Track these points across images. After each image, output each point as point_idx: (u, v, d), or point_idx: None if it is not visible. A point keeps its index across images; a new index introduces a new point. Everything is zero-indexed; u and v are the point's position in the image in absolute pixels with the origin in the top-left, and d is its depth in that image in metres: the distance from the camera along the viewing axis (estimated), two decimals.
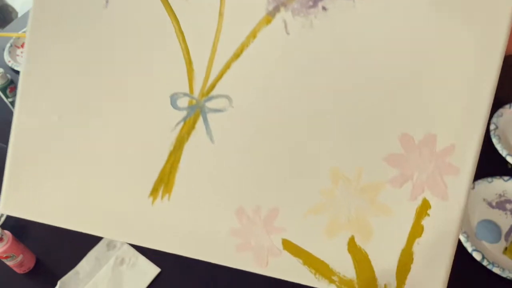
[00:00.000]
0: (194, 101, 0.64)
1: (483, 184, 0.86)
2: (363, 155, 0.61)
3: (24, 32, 1.76)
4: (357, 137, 0.61)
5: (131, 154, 0.65)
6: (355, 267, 0.62)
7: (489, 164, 0.88)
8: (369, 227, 0.62)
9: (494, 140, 0.93)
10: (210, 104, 0.64)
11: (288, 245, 0.63)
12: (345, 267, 0.62)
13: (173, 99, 0.64)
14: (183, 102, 0.64)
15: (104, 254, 0.83)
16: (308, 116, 0.62)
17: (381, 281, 0.62)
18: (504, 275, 0.76)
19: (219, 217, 0.64)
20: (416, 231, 0.61)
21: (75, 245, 0.83)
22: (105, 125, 0.65)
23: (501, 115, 0.96)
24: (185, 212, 0.64)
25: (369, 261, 0.62)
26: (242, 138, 0.63)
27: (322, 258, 0.63)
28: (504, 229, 0.81)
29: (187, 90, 0.64)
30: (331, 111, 0.62)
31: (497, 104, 0.96)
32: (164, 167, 0.65)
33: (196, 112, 0.64)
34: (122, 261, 0.82)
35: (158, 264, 0.83)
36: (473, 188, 0.85)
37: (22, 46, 1.70)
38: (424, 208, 0.61)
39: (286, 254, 0.63)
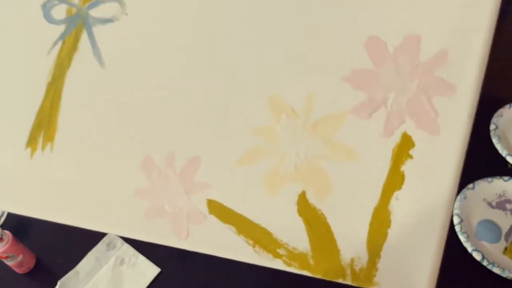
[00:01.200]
0: (74, 10, 0.45)
1: (483, 184, 0.84)
2: (314, 74, 0.42)
3: None
4: (304, 47, 0.42)
5: None
6: (308, 235, 0.44)
7: (489, 164, 0.88)
8: (325, 177, 0.43)
9: (494, 140, 0.91)
10: (95, 12, 0.45)
11: (216, 208, 0.45)
12: (295, 235, 0.44)
13: (46, 9, 0.46)
14: (60, 12, 0.46)
15: (104, 254, 0.81)
16: (234, 21, 0.43)
17: (346, 254, 0.43)
18: (504, 275, 0.74)
19: (119, 172, 0.46)
20: (394, 181, 0.42)
21: (75, 245, 0.81)
22: None
23: (501, 115, 0.94)
24: (73, 166, 0.47)
25: (327, 226, 0.43)
26: (143, 58, 0.44)
27: (262, 224, 0.44)
28: (504, 229, 0.80)
29: None
30: (267, 12, 0.42)
31: (497, 104, 0.95)
32: (42, 106, 0.47)
33: (78, 25, 0.45)
34: (122, 261, 0.81)
35: (158, 264, 0.80)
36: (473, 188, 0.84)
37: None
38: (404, 148, 0.41)
39: (213, 220, 0.45)
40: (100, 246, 0.82)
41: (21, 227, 0.84)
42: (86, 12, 0.45)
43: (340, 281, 0.44)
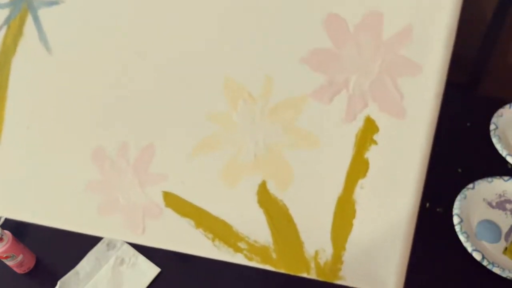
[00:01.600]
0: None
1: (483, 184, 0.84)
2: (271, 56, 0.39)
3: None
4: (259, 28, 0.39)
5: None
6: (270, 228, 0.41)
7: (489, 164, 0.89)
8: (286, 166, 0.40)
9: (494, 140, 0.91)
10: None
11: (172, 200, 0.42)
12: (256, 228, 0.42)
13: None
14: None
15: (104, 254, 0.82)
16: (186, 2, 0.40)
17: (309, 246, 0.41)
18: (504, 275, 0.74)
19: (69, 164, 0.43)
20: (358, 168, 0.39)
21: (75, 245, 0.81)
22: None
23: (501, 115, 0.95)
24: (21, 159, 0.44)
25: (290, 217, 0.41)
26: (92, 42, 0.42)
27: (222, 217, 0.42)
28: (504, 229, 0.80)
29: None
30: None
31: (497, 104, 0.95)
32: None
33: (22, 9, 0.42)
34: (122, 261, 0.81)
35: (158, 264, 0.80)
36: (473, 188, 0.84)
37: None
38: (368, 133, 0.39)
39: (170, 213, 0.43)
40: (100, 246, 0.82)
41: (21, 227, 0.84)
42: None
43: (304, 275, 0.41)
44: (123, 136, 0.42)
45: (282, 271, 0.42)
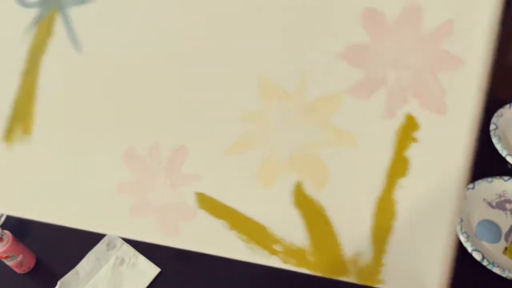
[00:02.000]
0: None
1: (483, 184, 0.85)
2: (306, 52, 0.38)
3: None
4: (294, 23, 0.38)
5: None
6: (306, 229, 0.40)
7: (489, 164, 0.88)
8: (322, 166, 0.39)
9: (494, 140, 0.91)
10: None
11: (206, 202, 0.42)
12: (292, 230, 0.40)
13: None
14: None
15: (104, 254, 0.82)
16: (218, 2, 0.39)
17: (348, 249, 0.40)
18: (504, 275, 0.74)
19: (100, 165, 0.43)
20: (398, 167, 0.38)
21: (75, 245, 0.82)
22: None
23: (501, 115, 0.95)
24: (52, 160, 0.44)
25: (326, 219, 0.40)
26: (122, 41, 0.41)
27: (256, 219, 0.41)
28: (504, 229, 0.80)
29: None
30: None
31: (497, 104, 0.96)
32: (18, 95, 0.44)
33: (52, 9, 0.42)
34: (122, 261, 0.81)
35: (158, 264, 0.81)
36: (473, 188, 0.84)
37: None
38: (408, 130, 0.37)
39: (204, 214, 0.42)
40: (100, 246, 0.82)
41: (21, 227, 0.84)
42: None
43: (343, 279, 0.40)
44: (155, 136, 0.41)
45: (319, 274, 0.40)
